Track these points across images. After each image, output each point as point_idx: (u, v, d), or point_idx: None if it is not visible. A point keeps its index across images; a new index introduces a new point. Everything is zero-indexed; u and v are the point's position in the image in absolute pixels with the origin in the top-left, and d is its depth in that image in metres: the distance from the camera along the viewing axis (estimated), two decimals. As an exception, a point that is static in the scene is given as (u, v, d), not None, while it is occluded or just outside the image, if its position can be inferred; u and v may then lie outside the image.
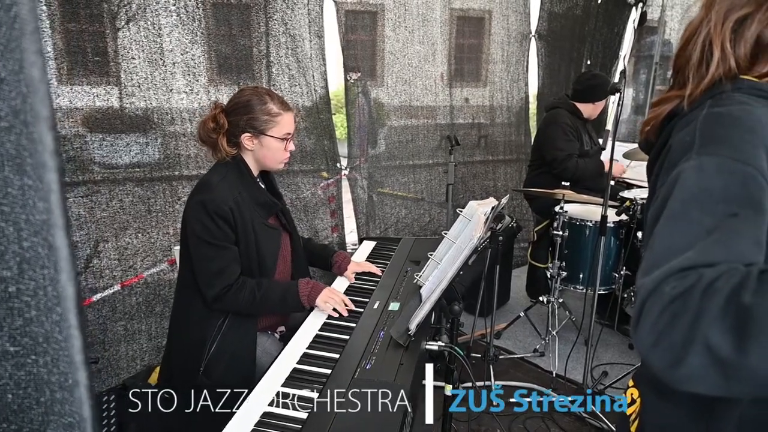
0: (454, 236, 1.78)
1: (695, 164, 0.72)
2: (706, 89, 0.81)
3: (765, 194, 0.68)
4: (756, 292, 0.56)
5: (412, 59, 3.68)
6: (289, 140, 1.77)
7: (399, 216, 3.77)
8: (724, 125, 0.74)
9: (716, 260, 0.62)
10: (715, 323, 0.57)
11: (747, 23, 0.78)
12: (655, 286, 0.64)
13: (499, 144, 4.42)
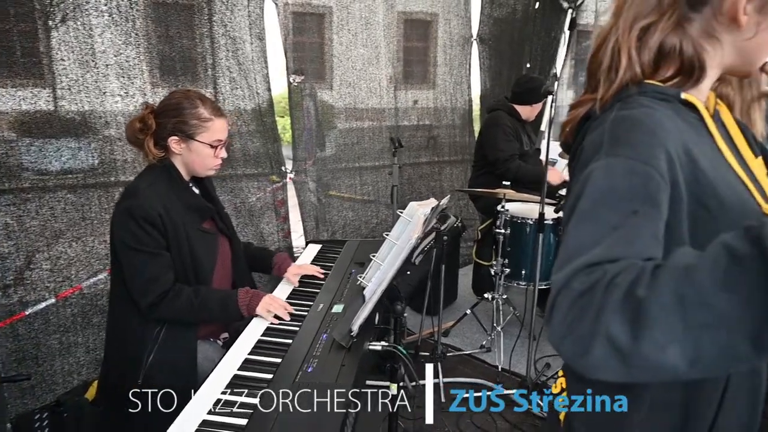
0: (396, 237, 1.80)
1: (603, 164, 0.75)
2: (616, 93, 0.85)
3: (662, 192, 0.72)
4: (649, 286, 0.59)
5: (356, 62, 3.70)
6: (220, 147, 1.74)
7: (347, 219, 3.78)
8: (629, 128, 0.78)
9: (619, 256, 0.66)
10: (614, 316, 0.60)
11: (651, 31, 0.82)
12: (565, 281, 0.67)
13: (445, 145, 4.51)
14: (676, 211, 0.75)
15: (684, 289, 0.57)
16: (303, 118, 3.47)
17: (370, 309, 1.57)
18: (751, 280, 0.54)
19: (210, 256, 1.75)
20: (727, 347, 0.56)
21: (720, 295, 0.56)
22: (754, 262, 0.54)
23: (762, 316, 0.54)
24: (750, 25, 0.79)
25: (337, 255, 2.32)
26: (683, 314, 0.57)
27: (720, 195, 0.77)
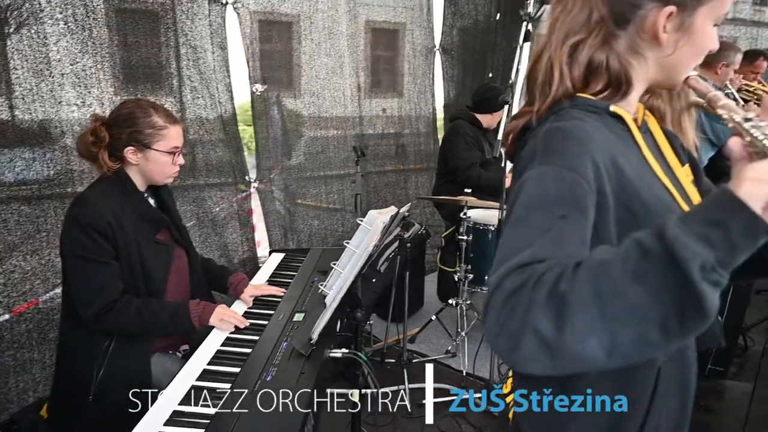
0: (356, 245, 1.82)
1: (536, 173, 0.80)
2: (550, 106, 0.89)
3: (589, 198, 0.76)
4: (570, 282, 0.64)
5: (320, 71, 3.72)
6: (178, 154, 1.74)
7: (313, 227, 3.79)
8: (559, 138, 0.82)
9: (547, 256, 0.70)
10: (541, 311, 0.64)
11: (580, 48, 0.87)
12: (498, 282, 0.70)
13: (411, 153, 4.56)
14: (603, 216, 0.79)
15: (600, 283, 0.62)
16: (268, 127, 3.47)
17: (329, 316, 1.58)
18: (658, 272, 0.60)
19: (163, 268, 1.73)
20: (640, 335, 0.61)
21: (632, 287, 0.60)
22: (660, 255, 0.60)
23: (669, 305, 0.59)
24: (670, 43, 0.85)
25: (299, 264, 2.32)
26: (600, 306, 0.61)
27: (644, 201, 0.82)
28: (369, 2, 4.17)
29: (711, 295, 0.59)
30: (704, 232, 0.59)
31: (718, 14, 0.86)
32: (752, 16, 9.25)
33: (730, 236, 0.58)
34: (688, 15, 0.83)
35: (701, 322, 0.60)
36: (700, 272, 0.58)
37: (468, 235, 3.05)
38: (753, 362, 3.14)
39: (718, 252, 0.58)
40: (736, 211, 0.59)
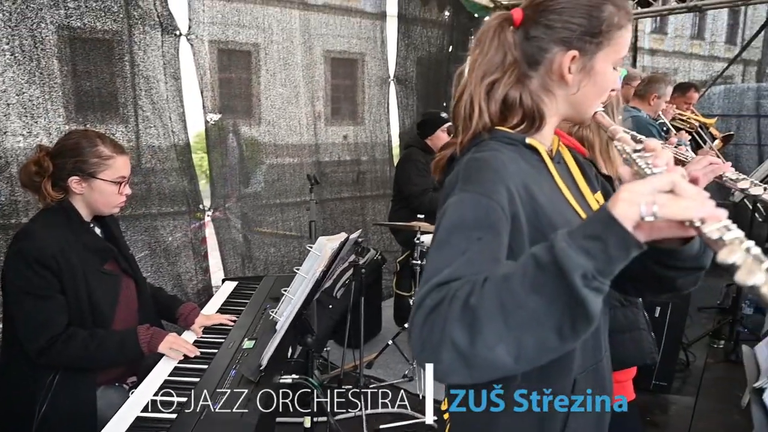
0: (306, 271, 1.85)
1: (457, 199, 0.87)
2: (471, 138, 0.98)
3: (502, 222, 0.84)
4: (479, 295, 0.70)
5: (275, 101, 3.78)
6: (124, 184, 1.74)
7: (269, 255, 3.78)
8: (478, 168, 0.90)
9: (463, 275, 0.76)
10: (456, 324, 0.70)
11: (496, 86, 0.96)
12: (420, 300, 0.76)
13: (367, 180, 4.65)
14: (518, 238, 0.87)
15: (503, 295, 0.69)
16: (223, 156, 3.48)
17: (278, 342, 1.60)
18: (550, 282, 0.67)
19: (111, 298, 1.71)
20: (540, 340, 0.68)
21: (530, 297, 0.67)
22: (550, 267, 0.67)
23: (562, 312, 0.67)
24: (575, 83, 0.95)
25: (252, 291, 2.33)
26: (504, 317, 0.68)
27: (555, 225, 0.89)
28: (327, 33, 4.28)
29: (593, 301, 0.66)
30: (585, 246, 0.66)
31: (616, 58, 0.96)
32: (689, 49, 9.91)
33: (607, 249, 0.66)
34: (589, 59, 0.94)
35: (588, 325, 0.68)
36: (582, 280, 0.65)
37: (422, 259, 3.11)
38: (695, 377, 3.28)
39: (598, 263, 0.66)
40: (612, 228, 0.66)
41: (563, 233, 0.69)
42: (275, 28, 3.73)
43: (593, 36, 0.92)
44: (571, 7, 0.92)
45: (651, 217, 0.65)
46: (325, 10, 4.39)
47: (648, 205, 0.65)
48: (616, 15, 0.92)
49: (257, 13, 3.57)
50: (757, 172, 3.25)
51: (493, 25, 0.98)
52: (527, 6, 0.97)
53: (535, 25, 0.95)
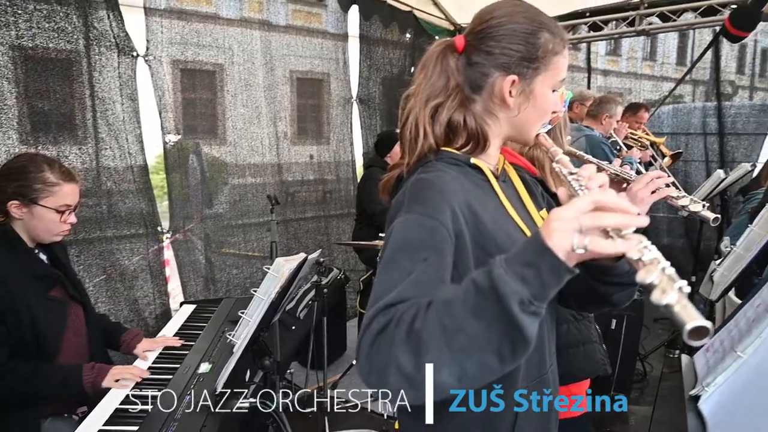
0: (264, 293, 1.84)
1: (402, 220, 0.89)
2: (418, 160, 1.00)
3: (447, 242, 0.86)
4: (423, 319, 0.72)
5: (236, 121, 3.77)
6: (69, 212, 1.69)
7: (231, 276, 3.72)
8: (422, 189, 0.92)
9: (409, 296, 0.77)
10: (401, 347, 0.72)
11: (440, 110, 1.00)
12: (367, 323, 0.77)
13: (331, 200, 4.65)
14: (462, 256, 0.89)
15: (445, 319, 0.71)
16: (183, 177, 3.44)
17: (233, 366, 1.57)
18: (489, 307, 0.69)
19: (57, 326, 1.65)
20: (482, 363, 0.71)
21: (471, 322, 0.70)
22: (489, 293, 0.69)
23: (501, 335, 0.69)
24: (516, 106, 0.99)
25: (211, 314, 2.29)
26: (447, 340, 0.70)
27: (499, 242, 0.93)
28: (289, 53, 4.31)
29: (530, 325, 0.69)
30: (521, 272, 0.69)
31: (553, 82, 1.01)
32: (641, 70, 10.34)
33: (541, 275, 0.69)
34: (528, 83, 0.98)
35: (526, 348, 0.71)
36: (518, 306, 0.68)
37: (384, 278, 3.12)
38: (652, 387, 3.37)
39: (533, 288, 0.69)
40: (545, 256, 0.69)
41: (501, 259, 0.71)
42: (236, 48, 3.74)
43: (531, 61, 0.96)
44: (510, 35, 0.96)
45: (581, 250, 0.68)
46: (287, 31, 4.43)
47: (580, 237, 0.68)
48: (551, 42, 0.97)
49: (218, 34, 3.57)
50: (703, 187, 3.41)
51: (436, 51, 1.02)
52: (469, 33, 1.01)
53: (476, 51, 0.99)
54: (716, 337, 1.22)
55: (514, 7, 0.99)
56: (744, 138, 4.78)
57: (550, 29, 0.98)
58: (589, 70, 5.57)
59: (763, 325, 1.00)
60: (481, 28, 0.99)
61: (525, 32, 0.96)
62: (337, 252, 4.60)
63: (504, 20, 0.97)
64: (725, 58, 5.25)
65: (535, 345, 0.97)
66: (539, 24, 0.97)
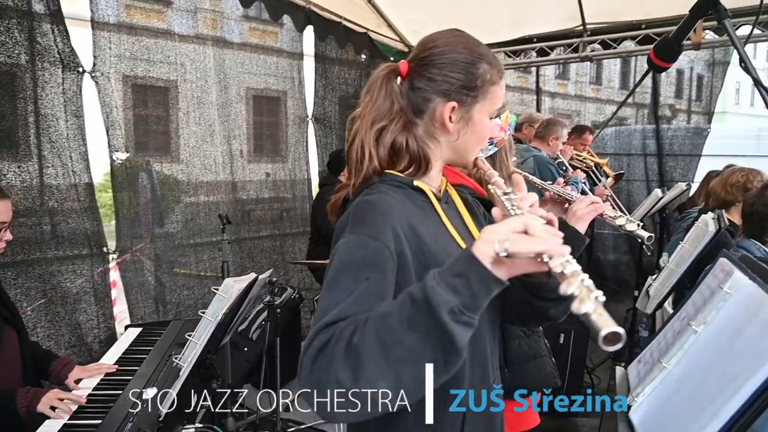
0: (212, 314, 1.81)
1: (346, 241, 0.91)
2: (363, 181, 1.03)
3: (388, 262, 0.89)
4: (362, 334, 0.75)
5: (189, 139, 3.71)
6: (4, 230, 1.63)
7: (183, 297, 3.63)
8: (366, 210, 0.95)
9: (350, 314, 0.80)
10: (340, 363, 0.74)
11: (384, 133, 1.03)
12: (309, 342, 0.79)
13: (287, 218, 4.62)
14: (405, 276, 0.92)
15: (382, 332, 0.74)
16: (132, 195, 3.35)
17: (178, 390, 1.53)
18: (423, 318, 0.72)
19: None
20: (417, 374, 0.73)
21: (406, 333, 0.73)
22: (422, 304, 0.72)
23: (434, 345, 0.72)
24: (455, 131, 1.04)
25: (157, 338, 2.22)
26: (384, 353, 0.73)
27: (440, 261, 0.92)
28: (244, 71, 4.29)
29: (461, 334, 0.72)
30: (451, 283, 0.72)
31: (491, 110, 1.06)
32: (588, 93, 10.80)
33: (471, 285, 0.72)
34: (467, 110, 1.03)
35: (458, 358, 0.74)
36: (449, 315, 0.71)
37: (339, 297, 3.11)
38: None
39: (463, 298, 0.72)
40: (473, 266, 0.73)
41: (434, 272, 0.75)
42: (189, 66, 3.70)
43: (470, 90, 1.01)
44: (451, 63, 1.01)
45: (504, 253, 0.72)
46: (243, 48, 4.43)
47: (501, 243, 0.72)
48: (489, 72, 1.02)
49: (169, 51, 3.53)
50: (643, 205, 3.59)
51: (381, 76, 1.05)
52: (412, 59, 1.06)
53: (419, 77, 1.03)
54: (647, 349, 1.28)
55: (456, 38, 1.04)
56: (681, 159, 5.08)
57: (488, 60, 1.03)
58: (538, 92, 5.80)
59: (685, 337, 1.06)
60: (424, 56, 1.03)
61: (465, 62, 1.01)
62: (292, 271, 4.56)
63: (446, 49, 1.02)
64: (665, 84, 5.57)
65: (479, 360, 1.02)
66: (479, 55, 1.02)
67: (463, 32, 1.07)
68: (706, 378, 0.93)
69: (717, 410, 0.85)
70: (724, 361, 0.91)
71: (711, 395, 0.88)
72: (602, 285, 5.63)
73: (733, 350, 0.91)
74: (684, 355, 1.02)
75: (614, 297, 5.23)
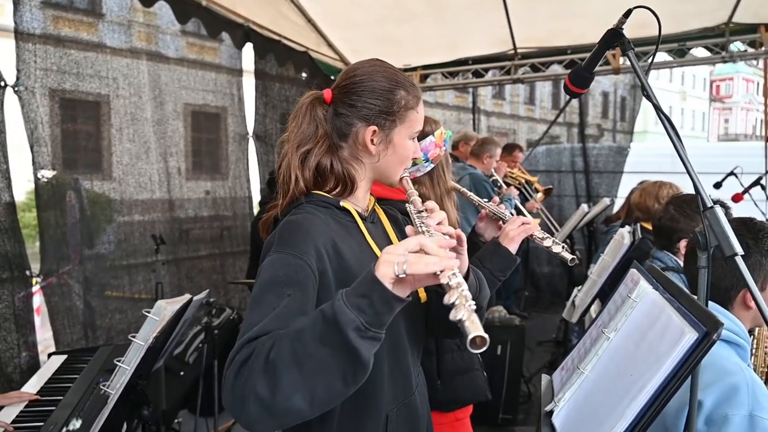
0: (143, 338, 1.75)
1: (271, 259, 0.96)
2: (291, 202, 1.08)
3: (310, 280, 0.94)
4: (279, 348, 0.79)
5: (122, 156, 3.59)
6: None
7: (114, 321, 3.47)
8: (292, 229, 1.01)
9: (271, 329, 0.84)
10: (259, 377, 0.78)
11: (309, 155, 1.08)
12: (232, 357, 0.83)
13: (227, 237, 4.53)
14: (326, 293, 0.96)
15: (296, 346, 0.78)
16: (65, 214, 3.18)
17: (105, 419, 1.48)
18: (333, 335, 0.77)
19: None
20: (329, 387, 0.78)
21: (318, 348, 0.77)
22: (332, 322, 0.77)
23: (344, 360, 0.77)
24: (377, 153, 1.11)
25: (84, 365, 2.12)
26: (298, 367, 0.77)
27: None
28: (180, 87, 4.21)
29: (366, 348, 0.77)
30: (356, 303, 0.78)
31: (410, 133, 1.13)
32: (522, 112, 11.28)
33: (374, 305, 0.78)
34: (387, 134, 1.10)
35: (365, 371, 0.79)
36: (355, 332, 0.76)
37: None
38: (537, 407, 3.59)
39: (367, 316, 0.77)
40: (375, 286, 0.79)
41: (342, 292, 0.80)
42: (121, 80, 3.59)
43: (389, 114, 1.09)
44: (370, 91, 1.08)
45: (403, 274, 0.78)
46: (180, 64, 4.34)
47: (399, 265, 0.78)
48: (405, 98, 1.10)
49: (100, 65, 3.41)
50: (571, 220, 3.79)
51: (306, 103, 1.12)
52: (336, 87, 1.13)
53: (341, 104, 1.10)
54: (569, 357, 1.37)
55: (375, 67, 1.11)
56: (605, 175, 5.42)
57: (405, 87, 1.11)
58: (474, 112, 6.02)
59: (599, 343, 1.14)
60: (345, 84, 1.10)
61: (383, 89, 1.08)
62: (233, 291, 4.46)
63: (365, 78, 1.09)
64: (591, 105, 5.92)
65: (401, 370, 1.08)
66: (396, 83, 1.10)
67: (383, 61, 1.14)
68: (616, 381, 1.00)
69: (624, 410, 0.92)
70: (631, 365, 0.98)
71: (620, 396, 0.95)
72: (538, 296, 5.89)
73: (637, 354, 0.99)
74: (598, 360, 1.10)
75: (549, 308, 5.46)
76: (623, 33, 1.26)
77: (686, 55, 4.21)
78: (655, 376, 0.88)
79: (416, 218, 0.97)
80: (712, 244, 1.03)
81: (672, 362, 0.87)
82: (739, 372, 1.19)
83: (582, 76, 1.40)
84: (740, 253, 0.98)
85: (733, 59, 4.09)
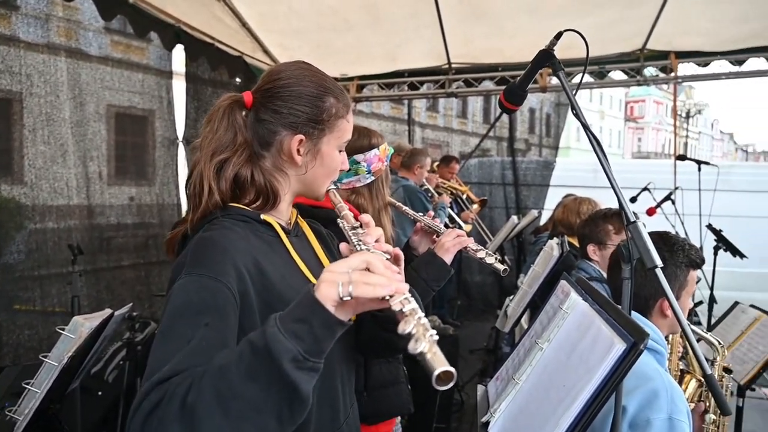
0: (56, 358, 1.62)
1: (182, 283, 0.84)
2: (203, 216, 0.97)
3: (230, 303, 0.84)
4: (196, 391, 0.68)
5: (35, 160, 3.32)
6: None
7: (23, 338, 3.19)
8: (206, 248, 0.89)
9: (186, 367, 0.73)
10: (173, 425, 0.68)
11: (226, 165, 0.98)
12: (138, 402, 0.72)
13: (153, 246, 4.30)
14: (249, 317, 0.87)
15: (220, 387, 0.68)
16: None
17: (11, 449, 1.34)
18: (264, 368, 0.68)
19: None
20: (260, 428, 0.69)
21: (247, 386, 0.68)
22: (263, 353, 0.68)
23: (278, 396, 0.68)
24: (304, 163, 1.03)
25: (-13, 388, 1.93)
26: (224, 408, 0.67)
27: (286, 299, 0.89)
28: (104, 87, 3.97)
29: (305, 380, 0.69)
30: (293, 329, 0.69)
31: (339, 143, 1.06)
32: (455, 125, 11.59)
33: (314, 330, 0.69)
34: (314, 143, 1.02)
35: (304, 407, 0.71)
36: (292, 363, 0.68)
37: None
38: (470, 414, 3.66)
39: (306, 344, 0.69)
40: (315, 310, 0.70)
41: (275, 317, 0.71)
42: (36, 78, 3.32)
43: (317, 123, 1.01)
44: (296, 96, 1.00)
45: (347, 297, 0.70)
46: (103, 63, 4.10)
47: (344, 285, 0.70)
48: (335, 106, 1.03)
49: (12, 60, 3.15)
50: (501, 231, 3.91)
51: (223, 106, 1.01)
52: (257, 90, 1.03)
53: (264, 109, 1.00)
54: (503, 367, 1.39)
55: (302, 71, 1.03)
56: (533, 188, 5.69)
57: (335, 94, 1.03)
58: (409, 123, 6.12)
59: (533, 354, 1.17)
60: (269, 87, 1.01)
61: (311, 95, 1.00)
62: (158, 303, 4.23)
63: (291, 82, 1.00)
64: (519, 120, 6.19)
65: (329, 399, 0.97)
66: (325, 89, 1.02)
67: (310, 65, 1.05)
68: (549, 391, 1.03)
69: (558, 420, 0.94)
70: (563, 375, 1.01)
71: (553, 406, 0.98)
72: (470, 305, 6.03)
73: (570, 364, 1.02)
74: (532, 370, 1.13)
75: (480, 316, 5.61)
76: (554, 54, 1.31)
77: (605, 77, 4.50)
78: (587, 386, 0.91)
79: (351, 235, 0.89)
80: (634, 256, 1.09)
81: (603, 372, 0.90)
82: (659, 377, 1.27)
83: (516, 94, 1.45)
84: (660, 266, 1.04)
85: (647, 83, 4.42)
